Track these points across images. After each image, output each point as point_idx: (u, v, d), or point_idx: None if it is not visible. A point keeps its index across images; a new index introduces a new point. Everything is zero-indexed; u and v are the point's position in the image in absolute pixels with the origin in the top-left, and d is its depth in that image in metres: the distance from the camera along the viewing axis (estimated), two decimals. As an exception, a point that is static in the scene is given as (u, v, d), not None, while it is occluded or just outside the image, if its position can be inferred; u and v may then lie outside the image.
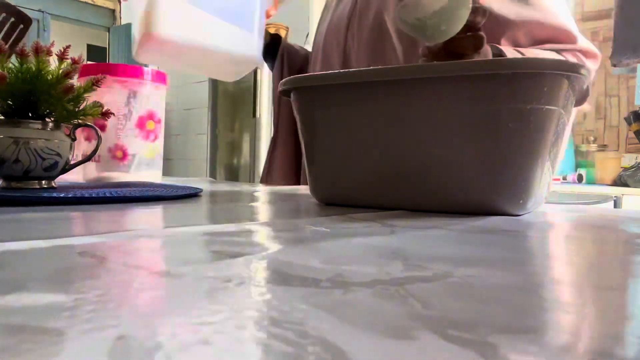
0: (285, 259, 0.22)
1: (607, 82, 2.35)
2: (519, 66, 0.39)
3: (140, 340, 0.12)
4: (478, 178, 0.42)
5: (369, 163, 0.46)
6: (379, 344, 0.12)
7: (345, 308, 0.15)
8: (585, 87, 0.45)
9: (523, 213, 0.43)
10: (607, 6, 2.33)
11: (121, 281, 0.17)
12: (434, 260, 0.22)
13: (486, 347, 0.12)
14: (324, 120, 0.49)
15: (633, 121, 1.98)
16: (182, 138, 4.16)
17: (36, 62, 0.51)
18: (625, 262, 0.25)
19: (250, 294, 0.16)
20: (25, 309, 0.14)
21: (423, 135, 0.43)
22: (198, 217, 0.39)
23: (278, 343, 0.12)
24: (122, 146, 0.72)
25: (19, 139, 0.49)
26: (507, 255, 0.25)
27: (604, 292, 0.18)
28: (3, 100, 0.51)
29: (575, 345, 0.13)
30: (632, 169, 1.91)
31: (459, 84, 0.41)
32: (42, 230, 0.28)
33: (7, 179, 0.51)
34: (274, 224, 0.35)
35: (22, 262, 0.20)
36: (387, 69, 0.44)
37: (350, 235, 0.29)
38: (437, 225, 0.36)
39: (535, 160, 0.41)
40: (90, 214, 0.37)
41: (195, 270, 0.19)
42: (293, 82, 0.50)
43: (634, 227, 0.38)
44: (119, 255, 0.22)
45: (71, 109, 0.54)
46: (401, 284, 0.18)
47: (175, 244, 0.26)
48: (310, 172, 0.52)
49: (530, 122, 0.40)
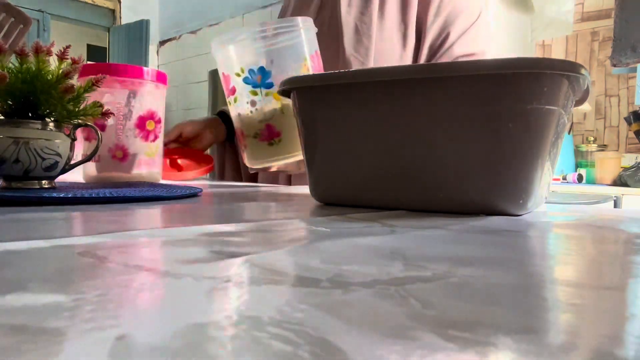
0: (285, 259, 0.22)
1: (607, 82, 2.35)
2: (519, 66, 0.39)
3: (140, 340, 0.12)
4: (478, 178, 0.42)
5: (369, 163, 0.46)
6: (379, 344, 0.12)
7: (345, 308, 0.15)
8: (585, 87, 0.45)
9: (523, 213, 0.43)
10: (607, 6, 2.33)
11: (121, 281, 0.17)
12: (434, 260, 0.22)
13: (486, 347, 0.12)
14: (324, 120, 0.49)
15: (633, 121, 1.98)
16: (182, 138, 4.15)
17: (36, 62, 0.52)
18: (625, 262, 0.25)
19: (250, 294, 0.16)
20: (26, 309, 0.14)
21: (423, 135, 0.43)
22: (198, 217, 0.39)
23: (278, 343, 0.12)
24: (122, 146, 0.72)
25: (19, 139, 0.49)
26: (507, 255, 0.25)
27: (604, 292, 0.18)
28: (3, 100, 0.51)
29: (575, 345, 0.13)
30: (632, 169, 1.91)
31: (459, 84, 0.41)
32: (42, 230, 0.28)
33: (7, 179, 0.51)
34: (273, 224, 0.35)
35: (22, 262, 0.20)
36: (387, 69, 0.44)
37: (350, 235, 0.29)
38: (437, 225, 0.36)
39: (535, 160, 0.41)
40: (90, 214, 0.37)
41: (195, 270, 0.19)
42: (293, 82, 0.50)
43: (634, 227, 0.38)
44: (119, 255, 0.22)
45: (71, 109, 0.54)
46: (401, 284, 0.18)
47: (175, 244, 0.26)
48: (310, 172, 0.52)
49: (530, 122, 0.40)
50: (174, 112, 4.19)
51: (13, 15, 0.81)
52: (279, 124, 0.72)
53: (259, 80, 0.71)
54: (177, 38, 4.32)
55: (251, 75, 0.71)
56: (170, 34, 4.38)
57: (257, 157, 0.75)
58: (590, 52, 2.40)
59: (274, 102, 0.71)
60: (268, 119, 0.71)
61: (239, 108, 0.74)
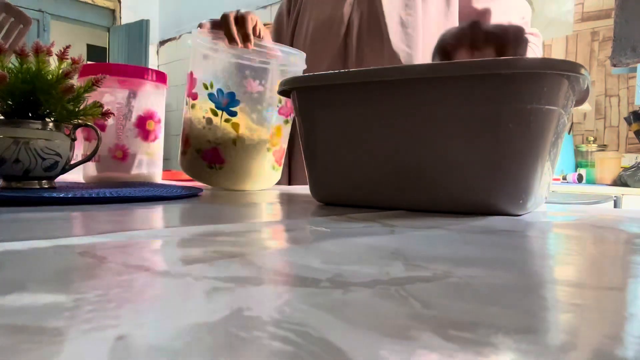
0: (285, 259, 0.22)
1: (607, 82, 2.35)
2: (519, 66, 0.39)
3: (140, 340, 0.12)
4: (478, 178, 0.42)
5: (369, 163, 0.46)
6: (379, 344, 0.12)
7: (345, 308, 0.15)
8: (585, 87, 0.45)
9: (523, 213, 0.43)
10: (607, 6, 2.33)
11: (121, 281, 0.17)
12: (434, 260, 0.22)
13: (486, 347, 0.12)
14: (324, 120, 0.49)
15: (633, 121, 1.98)
16: (182, 138, 4.15)
17: (36, 62, 0.52)
18: (625, 262, 0.25)
19: (250, 294, 0.16)
20: (25, 309, 0.14)
21: (423, 135, 0.43)
22: (198, 217, 0.39)
23: (278, 343, 0.12)
24: (122, 146, 0.72)
25: (19, 139, 0.49)
26: (507, 255, 0.25)
27: (604, 292, 0.18)
28: (3, 100, 0.51)
29: (575, 345, 0.13)
30: (632, 169, 1.90)
31: (459, 84, 0.41)
32: (42, 230, 0.28)
33: (7, 179, 0.51)
34: (273, 224, 0.35)
35: (22, 262, 0.20)
36: (388, 69, 0.44)
37: (350, 235, 0.29)
38: (437, 225, 0.36)
39: (535, 160, 0.41)
40: (90, 214, 0.37)
41: (195, 270, 0.19)
42: (293, 82, 0.50)
43: (634, 227, 0.38)
44: (119, 255, 0.22)
45: (71, 109, 0.54)
46: (401, 284, 0.18)
47: (175, 244, 0.26)
48: (310, 172, 0.52)
49: (530, 122, 0.40)
50: (174, 112, 4.19)
51: (13, 15, 0.81)
52: (226, 152, 0.68)
53: (225, 104, 0.67)
54: (177, 38, 4.32)
55: (218, 95, 0.67)
56: (170, 34, 4.38)
57: (193, 170, 0.71)
58: (590, 52, 2.40)
59: (230, 131, 0.67)
60: (218, 143, 0.68)
61: (193, 116, 0.70)
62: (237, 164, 0.68)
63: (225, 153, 0.68)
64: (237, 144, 0.68)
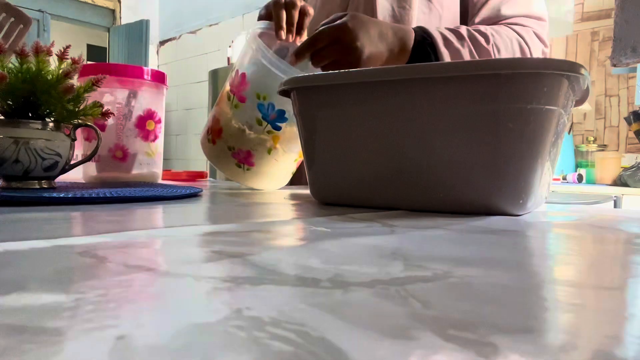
0: (285, 259, 0.22)
1: (607, 82, 2.35)
2: (519, 66, 0.39)
3: (140, 340, 0.12)
4: (478, 178, 0.42)
5: (369, 163, 0.46)
6: (379, 344, 0.12)
7: (345, 308, 0.15)
8: (585, 87, 0.45)
9: (523, 213, 0.43)
10: (607, 6, 2.33)
11: (121, 281, 0.17)
12: (434, 260, 0.22)
13: (486, 347, 0.12)
14: (324, 120, 0.49)
15: (633, 121, 1.98)
16: (182, 138, 4.16)
17: (36, 62, 0.52)
18: (625, 262, 0.25)
19: (250, 294, 0.16)
20: (25, 309, 0.14)
21: (423, 135, 0.43)
22: (198, 217, 0.39)
23: (278, 343, 0.12)
24: (122, 146, 0.72)
25: (19, 139, 0.49)
26: (507, 255, 0.25)
27: (604, 292, 0.18)
28: (3, 100, 0.51)
29: (575, 345, 0.13)
30: (632, 169, 1.90)
31: (459, 83, 0.41)
32: (42, 230, 0.28)
33: (7, 179, 0.51)
34: (273, 224, 0.35)
35: (22, 262, 0.20)
36: (387, 69, 0.44)
37: (350, 235, 0.29)
38: (437, 225, 0.36)
39: (535, 160, 0.41)
40: (90, 214, 0.37)
41: (195, 270, 0.19)
42: (293, 82, 0.50)
43: (634, 227, 0.38)
44: (119, 255, 0.22)
45: (71, 109, 0.54)
46: (401, 284, 0.18)
47: (175, 244, 0.26)
48: (310, 172, 0.52)
49: (530, 122, 0.40)
50: (174, 112, 4.19)
51: (13, 15, 0.81)
52: (258, 158, 0.69)
53: (272, 118, 0.67)
54: (177, 38, 4.32)
55: (269, 109, 0.67)
56: (170, 34, 4.39)
57: (219, 161, 0.72)
58: (590, 52, 2.40)
59: (268, 141, 0.68)
60: (252, 148, 0.68)
61: (234, 115, 0.69)
62: (264, 169, 0.71)
63: (256, 158, 0.69)
64: (271, 153, 0.69)
